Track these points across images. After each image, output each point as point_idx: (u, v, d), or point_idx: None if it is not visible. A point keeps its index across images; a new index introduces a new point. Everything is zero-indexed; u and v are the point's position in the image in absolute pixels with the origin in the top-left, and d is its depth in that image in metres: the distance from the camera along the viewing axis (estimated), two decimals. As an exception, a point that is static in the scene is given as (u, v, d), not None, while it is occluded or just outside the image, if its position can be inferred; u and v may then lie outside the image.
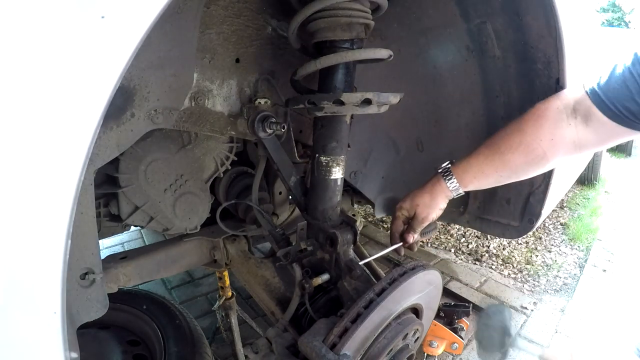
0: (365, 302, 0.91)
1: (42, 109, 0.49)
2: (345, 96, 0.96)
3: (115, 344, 1.62)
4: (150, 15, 0.52)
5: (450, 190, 1.11)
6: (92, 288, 0.81)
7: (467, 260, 3.12)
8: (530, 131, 1.02)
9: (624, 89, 0.88)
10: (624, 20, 17.86)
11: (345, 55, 0.99)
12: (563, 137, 0.99)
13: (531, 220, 1.31)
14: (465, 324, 2.07)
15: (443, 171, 1.12)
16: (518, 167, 1.05)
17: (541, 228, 3.65)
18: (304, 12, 0.96)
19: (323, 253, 1.15)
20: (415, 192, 1.16)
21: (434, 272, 1.07)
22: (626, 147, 6.23)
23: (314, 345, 0.87)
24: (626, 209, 4.11)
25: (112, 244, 3.20)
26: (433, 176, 1.14)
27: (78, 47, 0.49)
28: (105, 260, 1.22)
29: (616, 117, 0.91)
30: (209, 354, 1.63)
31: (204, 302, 2.56)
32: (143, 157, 1.16)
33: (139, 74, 0.85)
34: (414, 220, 1.15)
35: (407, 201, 1.16)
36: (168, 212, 1.25)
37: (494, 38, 1.16)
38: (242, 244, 1.43)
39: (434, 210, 1.13)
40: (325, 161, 1.10)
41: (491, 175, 1.08)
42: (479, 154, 1.09)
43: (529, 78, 1.15)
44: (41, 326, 0.55)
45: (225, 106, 1.14)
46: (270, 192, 1.58)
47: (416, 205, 1.14)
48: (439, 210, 1.14)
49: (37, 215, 0.51)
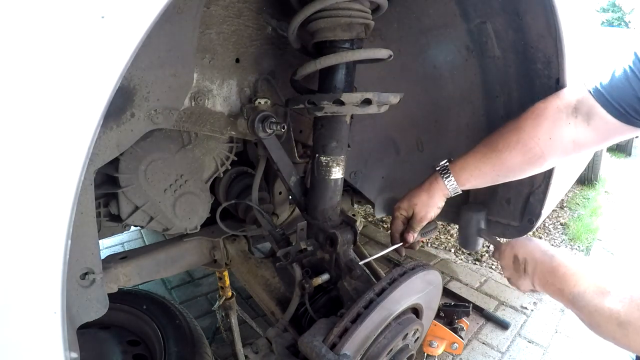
0: (365, 302, 0.91)
1: (42, 109, 0.49)
2: (345, 96, 0.96)
3: (115, 344, 1.62)
4: (150, 15, 0.52)
5: (447, 188, 1.11)
6: (92, 288, 0.81)
7: (467, 260, 3.12)
8: (528, 130, 1.02)
9: (628, 88, 0.88)
10: (624, 20, 17.87)
11: (345, 55, 0.99)
12: (561, 136, 0.99)
13: (531, 220, 1.31)
14: (465, 324, 2.07)
15: (441, 169, 1.12)
16: (515, 165, 1.05)
17: (541, 228, 3.65)
18: (304, 12, 0.96)
19: (323, 253, 1.15)
20: (413, 191, 1.16)
21: (434, 272, 1.07)
22: (626, 147, 6.23)
23: (314, 345, 0.87)
24: (626, 209, 4.11)
25: (112, 244, 3.20)
26: (431, 175, 1.14)
27: (78, 47, 0.49)
28: (105, 260, 1.22)
29: (621, 115, 0.91)
30: (209, 354, 1.63)
31: (204, 302, 2.56)
32: (143, 157, 1.16)
33: (139, 74, 0.85)
34: (412, 220, 1.15)
35: (405, 201, 1.16)
36: (168, 212, 1.25)
37: (494, 38, 1.16)
38: (242, 244, 1.43)
39: (432, 209, 1.13)
40: (325, 161, 1.10)
41: (488, 173, 1.08)
42: (477, 152, 1.09)
43: (529, 78, 1.15)
44: (41, 326, 0.55)
45: (225, 106, 1.15)
46: (270, 192, 1.58)
47: (414, 204, 1.14)
48: (437, 208, 1.14)
49: (37, 215, 0.51)
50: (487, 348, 2.21)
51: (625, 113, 0.90)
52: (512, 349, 2.21)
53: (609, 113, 0.92)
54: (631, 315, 0.74)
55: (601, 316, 0.78)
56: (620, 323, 0.75)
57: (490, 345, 2.23)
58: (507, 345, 2.23)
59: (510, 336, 2.30)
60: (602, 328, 0.79)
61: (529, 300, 2.61)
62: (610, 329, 0.77)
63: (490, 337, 2.29)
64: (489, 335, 2.30)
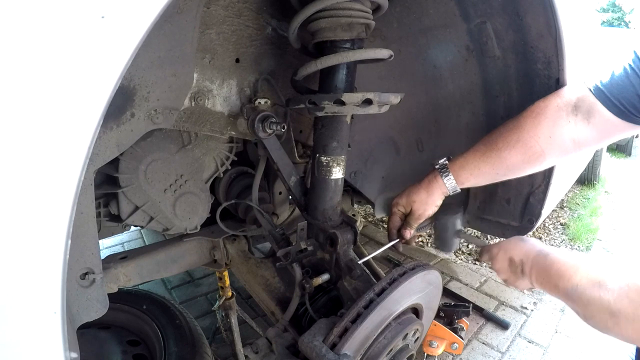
0: (365, 302, 0.91)
1: (42, 109, 0.49)
2: (346, 96, 0.96)
3: (115, 344, 1.62)
4: (150, 15, 0.52)
5: (447, 187, 1.11)
6: (92, 288, 0.81)
7: (467, 260, 3.12)
8: (528, 128, 1.02)
9: (628, 85, 0.89)
10: (624, 20, 17.89)
11: (346, 55, 0.99)
12: (562, 135, 0.99)
13: (531, 220, 1.31)
14: (465, 324, 2.07)
15: (440, 167, 1.12)
16: (515, 164, 1.05)
17: (541, 228, 3.65)
18: (305, 12, 0.96)
19: (323, 253, 1.15)
20: (412, 188, 1.16)
21: (434, 272, 1.07)
22: (626, 147, 6.23)
23: (314, 345, 0.87)
24: (626, 209, 4.12)
25: (112, 244, 3.20)
26: (430, 172, 1.14)
27: (78, 47, 0.49)
28: (105, 260, 1.23)
29: (621, 113, 0.91)
30: (209, 354, 1.63)
31: (204, 302, 2.56)
32: (143, 157, 1.16)
33: (139, 74, 0.85)
34: (410, 217, 1.16)
35: (404, 197, 1.16)
36: (168, 212, 1.25)
37: (494, 38, 1.16)
38: (242, 244, 1.43)
39: (430, 207, 1.14)
40: (326, 161, 1.10)
41: (488, 172, 1.08)
42: (476, 150, 1.09)
43: (529, 78, 1.15)
44: (41, 326, 0.55)
45: (225, 106, 1.15)
46: (270, 192, 1.58)
47: (412, 201, 1.14)
48: (434, 207, 1.15)
49: (37, 215, 0.51)
50: (487, 348, 2.21)
51: (626, 110, 0.90)
52: (512, 349, 2.21)
53: (609, 111, 0.93)
54: (621, 303, 0.74)
55: (594, 306, 0.78)
56: (612, 312, 0.75)
57: (490, 345, 2.23)
58: (507, 345, 2.23)
59: (510, 336, 2.30)
60: (595, 319, 0.79)
61: (529, 300, 2.61)
62: (603, 319, 0.77)
63: (490, 337, 2.29)
64: (489, 335, 2.30)
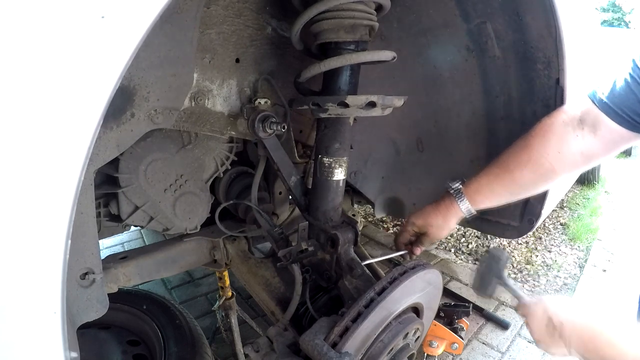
0: (366, 301, 0.91)
1: (42, 109, 0.49)
2: (349, 99, 0.96)
3: (115, 344, 1.62)
4: (150, 15, 0.52)
5: (462, 211, 1.13)
6: (92, 288, 0.81)
7: (467, 260, 3.12)
8: (537, 147, 1.03)
9: (630, 94, 0.89)
10: (624, 20, 17.88)
11: (350, 57, 0.99)
12: (570, 149, 1.00)
13: (531, 220, 1.31)
14: (465, 324, 2.07)
15: (455, 192, 1.13)
16: (528, 183, 1.07)
17: (541, 228, 3.65)
18: (308, 14, 0.95)
19: (324, 253, 1.15)
20: (429, 210, 1.18)
21: (434, 271, 1.07)
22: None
23: (316, 343, 0.87)
24: (626, 209, 4.11)
25: (112, 244, 3.20)
26: (445, 196, 1.15)
27: (78, 47, 0.49)
28: (105, 260, 1.22)
29: (626, 122, 0.92)
30: (209, 354, 1.63)
31: (204, 302, 2.56)
32: (143, 157, 1.16)
33: (139, 74, 0.85)
34: (424, 238, 1.19)
35: (420, 219, 1.18)
36: (168, 212, 1.25)
37: (494, 38, 1.16)
38: (242, 244, 1.43)
39: (445, 231, 1.17)
40: (328, 162, 1.10)
41: (502, 193, 1.10)
42: (489, 173, 1.10)
43: (529, 78, 1.15)
44: (41, 326, 0.55)
45: (225, 106, 1.15)
46: (270, 192, 1.58)
47: (429, 225, 1.17)
48: (449, 230, 1.18)
49: (37, 216, 0.51)
50: (487, 348, 2.21)
51: (630, 119, 0.91)
52: (512, 349, 2.21)
53: (614, 121, 0.93)
54: None
55: None
56: None
57: (490, 345, 2.23)
58: (507, 345, 2.23)
59: (510, 336, 2.29)
60: None
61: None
62: None
63: (490, 337, 2.29)
64: (489, 335, 2.30)
